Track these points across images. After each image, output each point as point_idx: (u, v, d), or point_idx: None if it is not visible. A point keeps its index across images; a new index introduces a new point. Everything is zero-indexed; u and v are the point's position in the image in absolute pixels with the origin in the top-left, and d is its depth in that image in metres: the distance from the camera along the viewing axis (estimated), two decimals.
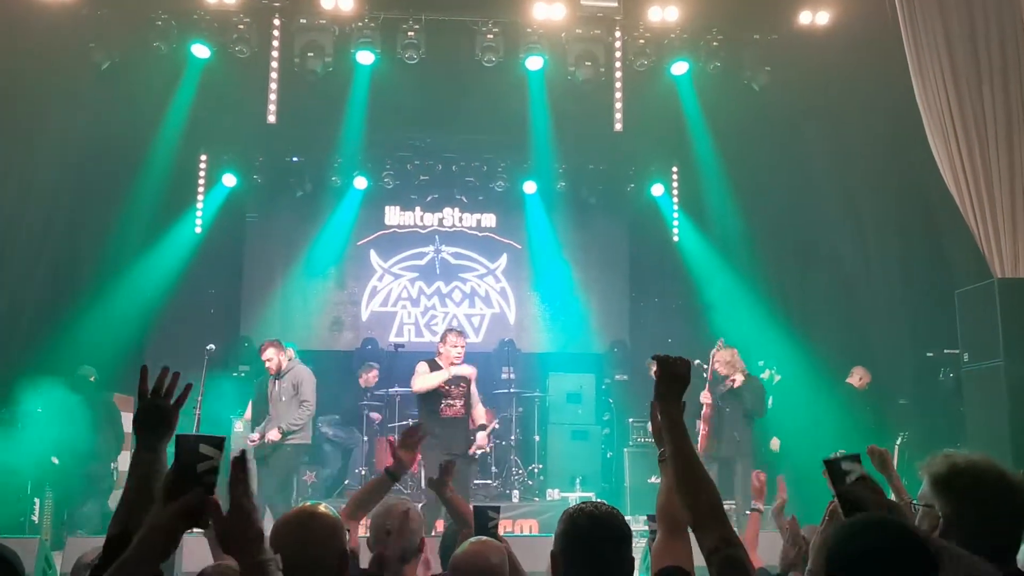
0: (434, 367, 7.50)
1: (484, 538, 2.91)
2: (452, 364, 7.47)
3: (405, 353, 10.75)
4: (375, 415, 10.08)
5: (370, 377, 10.23)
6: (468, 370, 7.58)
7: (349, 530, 3.32)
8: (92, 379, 8.36)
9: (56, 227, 9.51)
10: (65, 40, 8.14)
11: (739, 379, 8.52)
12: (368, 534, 3.34)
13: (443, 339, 7.69)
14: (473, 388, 7.69)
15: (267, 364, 8.01)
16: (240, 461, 1.64)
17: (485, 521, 3.06)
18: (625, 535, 2.22)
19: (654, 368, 2.25)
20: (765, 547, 4.00)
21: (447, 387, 7.44)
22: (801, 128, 9.84)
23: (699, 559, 2.12)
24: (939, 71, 6.82)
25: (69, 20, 8.03)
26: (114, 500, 8.55)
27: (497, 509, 3.12)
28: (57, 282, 9.74)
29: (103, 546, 1.92)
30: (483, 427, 7.84)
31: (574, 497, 9.25)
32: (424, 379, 7.43)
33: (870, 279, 9.78)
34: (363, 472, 9.76)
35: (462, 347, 7.58)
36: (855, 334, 9.95)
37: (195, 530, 1.67)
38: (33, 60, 8.05)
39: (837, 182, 9.76)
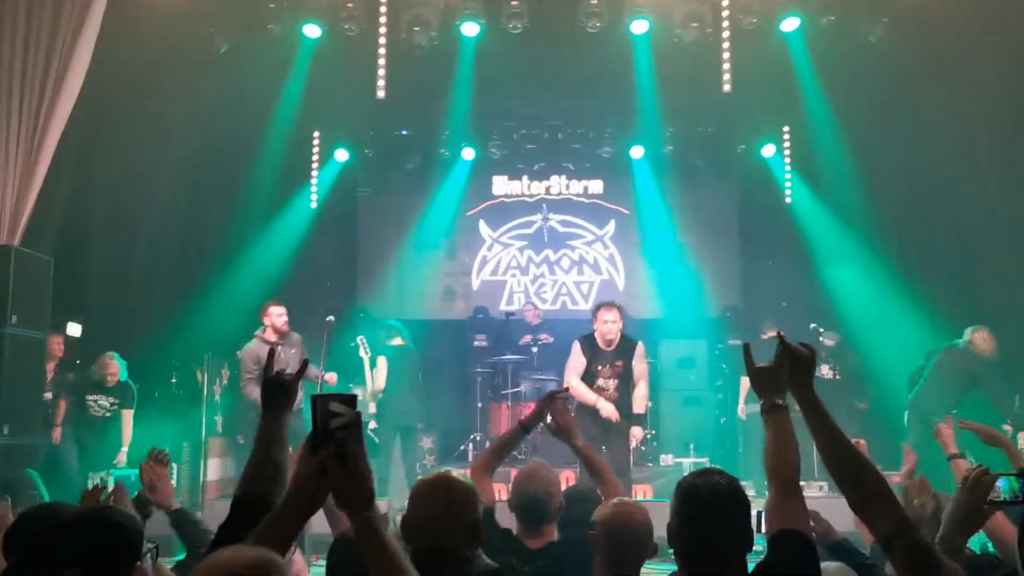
0: (586, 346, 6.93)
1: (626, 498, 2.95)
2: (607, 341, 6.87)
3: (515, 321, 10.94)
4: (544, 336, 10.39)
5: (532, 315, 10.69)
6: (608, 408, 6.71)
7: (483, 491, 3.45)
8: None
9: (180, 207, 10.01)
10: (186, 28, 8.49)
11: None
12: (508, 497, 3.45)
13: (594, 315, 6.96)
14: (636, 364, 6.93)
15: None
16: (355, 424, 1.69)
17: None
18: (744, 505, 2.15)
19: (771, 333, 2.23)
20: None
21: (599, 367, 6.85)
22: (920, 83, 9.38)
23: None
24: None
25: (190, 8, 8.36)
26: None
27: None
28: (184, 259, 10.25)
29: (230, 507, 2.04)
30: (639, 418, 6.99)
31: (688, 463, 9.24)
32: (569, 372, 6.91)
33: (995, 242, 9.31)
34: (478, 437, 9.99)
35: (615, 320, 6.83)
36: (978, 297, 9.54)
37: None
38: (157, 48, 8.42)
39: (959, 139, 9.31)
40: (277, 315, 7.72)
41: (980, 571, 2.39)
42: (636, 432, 6.94)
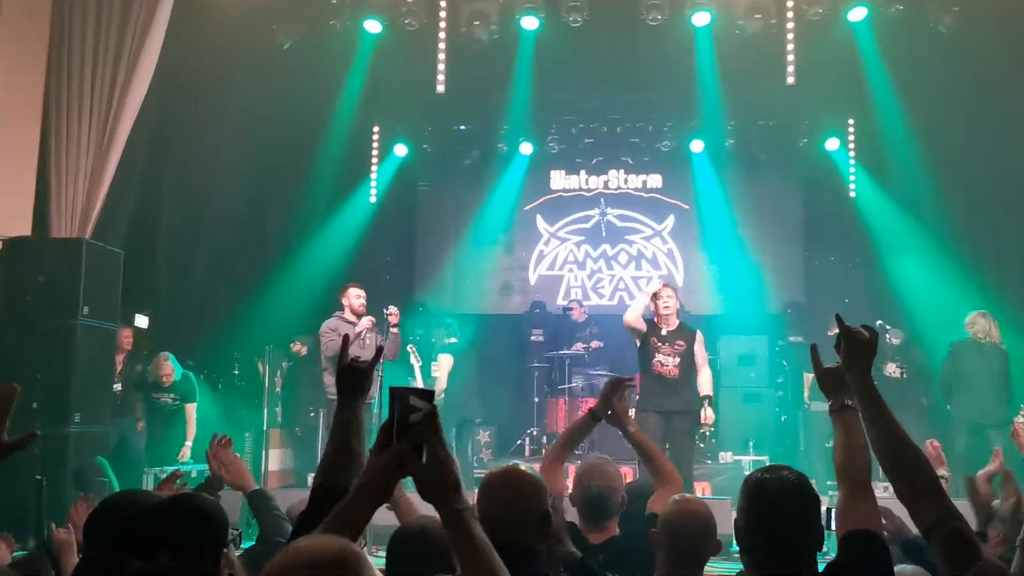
0: (650, 326, 7.09)
1: (687, 495, 2.91)
2: (664, 318, 7.05)
3: (572, 316, 10.90)
4: (595, 343, 10.31)
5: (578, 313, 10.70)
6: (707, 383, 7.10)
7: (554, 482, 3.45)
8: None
9: (243, 201, 10.19)
10: (251, 24, 8.62)
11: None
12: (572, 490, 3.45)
13: (652, 299, 7.15)
14: (698, 349, 7.13)
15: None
16: (432, 414, 1.67)
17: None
18: (814, 503, 2.10)
19: (833, 330, 2.18)
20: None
21: (659, 343, 7.01)
22: (995, 72, 9.10)
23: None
24: None
25: (254, 4, 8.49)
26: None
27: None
28: (247, 252, 10.42)
29: (309, 495, 2.05)
30: (708, 398, 7.11)
31: (747, 460, 9.13)
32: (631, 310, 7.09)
33: None
34: (534, 432, 9.99)
35: (671, 296, 7.08)
36: None
37: None
38: (223, 44, 8.58)
39: None
40: (355, 296, 7.80)
41: None
42: (709, 414, 7.04)
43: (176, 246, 9.48)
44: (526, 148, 11.53)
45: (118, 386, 8.09)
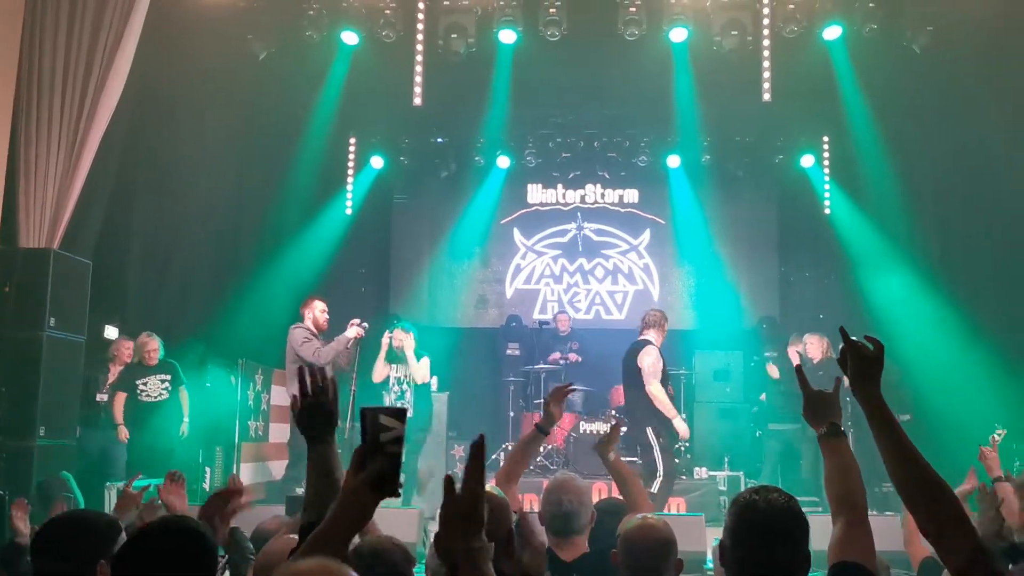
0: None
1: (648, 516, 2.89)
2: None
3: (548, 330, 10.87)
4: (574, 356, 10.30)
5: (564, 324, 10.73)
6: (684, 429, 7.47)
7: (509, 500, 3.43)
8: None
9: (217, 212, 10.06)
10: (226, 34, 8.56)
11: None
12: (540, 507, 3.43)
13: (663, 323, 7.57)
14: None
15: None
16: (478, 447, 1.65)
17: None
18: (801, 524, 2.05)
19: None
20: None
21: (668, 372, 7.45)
22: (967, 92, 9.19)
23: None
24: None
25: (230, 15, 8.43)
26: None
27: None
28: (220, 263, 10.31)
29: (298, 535, 1.98)
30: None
31: (722, 476, 9.12)
32: (650, 377, 7.21)
33: None
34: (509, 447, 9.91)
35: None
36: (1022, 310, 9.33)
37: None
38: (197, 55, 8.51)
39: (1009, 149, 9.09)
40: (321, 310, 7.77)
41: None
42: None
43: (148, 257, 9.35)
44: (503, 162, 11.53)
45: (104, 396, 7.98)
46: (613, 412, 8.76)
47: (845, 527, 2.06)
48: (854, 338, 2.06)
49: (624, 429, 7.16)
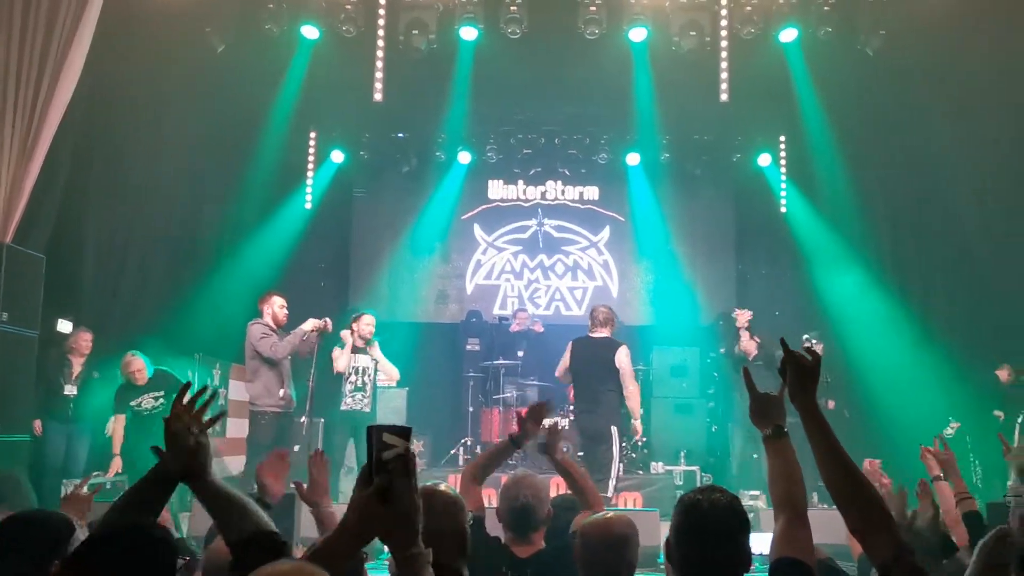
0: None
1: (610, 513, 2.94)
2: None
3: (508, 326, 10.93)
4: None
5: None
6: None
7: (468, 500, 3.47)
8: None
9: (175, 206, 9.95)
10: (183, 27, 8.46)
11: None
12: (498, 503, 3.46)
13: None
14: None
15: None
16: (406, 453, 1.69)
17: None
18: (743, 524, 2.14)
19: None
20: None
21: None
22: (919, 94, 9.41)
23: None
24: None
25: (188, 7, 8.34)
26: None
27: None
28: (177, 258, 10.19)
29: (233, 551, 2.02)
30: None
31: (678, 471, 9.25)
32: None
33: (990, 252, 9.33)
34: (468, 442, 9.96)
35: None
36: (973, 308, 9.57)
37: None
38: (154, 48, 8.40)
39: (958, 152, 9.32)
40: (280, 305, 7.70)
41: None
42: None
43: (103, 251, 9.23)
44: (464, 158, 11.54)
45: (73, 389, 7.86)
46: (571, 407, 8.82)
47: (786, 524, 2.14)
48: (794, 350, 2.16)
49: (564, 425, 7.31)
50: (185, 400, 2.26)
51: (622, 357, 7.31)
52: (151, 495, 2.21)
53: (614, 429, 7.26)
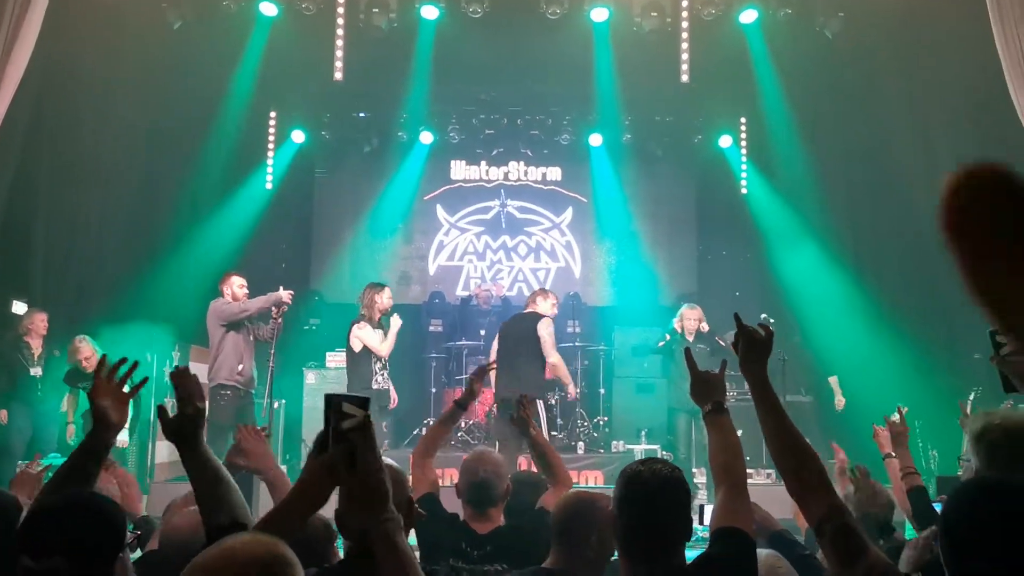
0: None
1: (581, 489, 2.96)
2: None
3: (471, 307, 10.93)
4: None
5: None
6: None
7: (423, 478, 3.49)
8: None
9: (131, 186, 9.78)
10: (139, 3, 8.31)
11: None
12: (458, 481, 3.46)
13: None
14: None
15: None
16: (366, 422, 1.68)
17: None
18: (684, 495, 2.19)
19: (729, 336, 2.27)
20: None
21: None
22: (876, 77, 9.53)
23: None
24: (1021, 15, 6.55)
25: None
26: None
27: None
28: (134, 239, 10.04)
29: (210, 535, 1.96)
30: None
31: (639, 449, 9.33)
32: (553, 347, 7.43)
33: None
34: (431, 422, 9.95)
35: None
36: (929, 287, 9.74)
37: None
38: (108, 24, 8.24)
39: (914, 134, 9.45)
40: (239, 285, 7.63)
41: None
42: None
43: (57, 232, 9.07)
44: (426, 138, 11.48)
45: (38, 370, 7.74)
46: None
47: (726, 496, 2.23)
48: (747, 324, 2.23)
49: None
50: (104, 373, 2.30)
51: (542, 328, 7.28)
52: (86, 466, 2.22)
53: (541, 404, 7.24)
